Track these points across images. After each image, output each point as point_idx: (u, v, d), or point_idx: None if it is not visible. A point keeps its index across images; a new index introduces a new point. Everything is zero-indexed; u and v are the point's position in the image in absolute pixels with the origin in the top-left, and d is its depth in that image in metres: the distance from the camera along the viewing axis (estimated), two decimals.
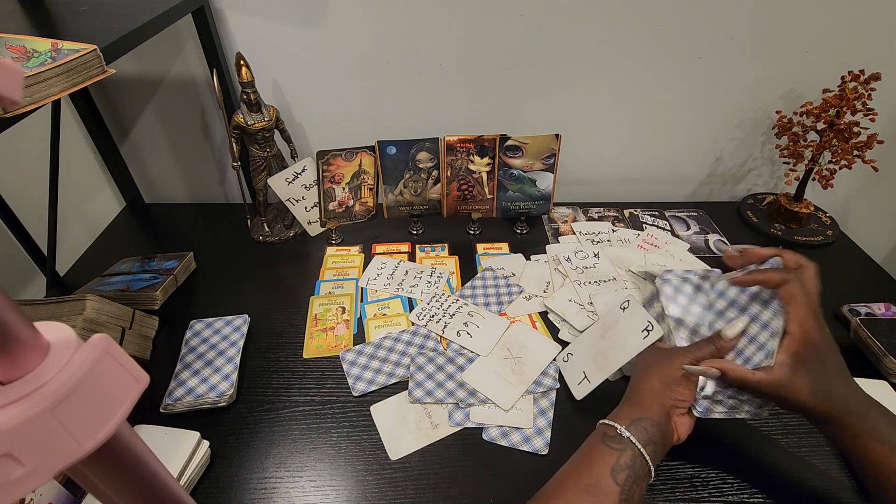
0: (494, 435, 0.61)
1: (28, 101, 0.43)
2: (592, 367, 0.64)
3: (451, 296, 0.79)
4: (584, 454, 0.50)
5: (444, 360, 0.69)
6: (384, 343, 0.72)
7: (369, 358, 0.70)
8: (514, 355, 0.70)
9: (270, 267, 0.88)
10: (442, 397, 0.64)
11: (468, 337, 0.72)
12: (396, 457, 0.59)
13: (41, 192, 0.81)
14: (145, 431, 0.58)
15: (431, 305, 0.78)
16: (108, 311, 0.66)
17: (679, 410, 0.52)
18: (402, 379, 0.67)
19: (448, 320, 0.75)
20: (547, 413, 0.64)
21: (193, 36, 0.84)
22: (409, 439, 0.61)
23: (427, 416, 0.63)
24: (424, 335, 0.73)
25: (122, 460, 0.26)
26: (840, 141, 0.86)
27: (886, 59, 0.89)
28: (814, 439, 0.62)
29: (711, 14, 0.85)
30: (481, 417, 0.63)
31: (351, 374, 0.68)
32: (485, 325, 0.74)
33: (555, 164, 0.87)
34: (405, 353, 0.71)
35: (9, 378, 0.21)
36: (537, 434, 0.61)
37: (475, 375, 0.67)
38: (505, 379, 0.67)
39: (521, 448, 0.60)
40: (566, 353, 0.69)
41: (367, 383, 0.67)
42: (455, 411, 0.63)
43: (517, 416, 0.63)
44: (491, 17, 0.85)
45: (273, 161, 0.88)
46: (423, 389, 0.65)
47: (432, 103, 0.95)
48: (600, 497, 0.45)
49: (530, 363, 0.69)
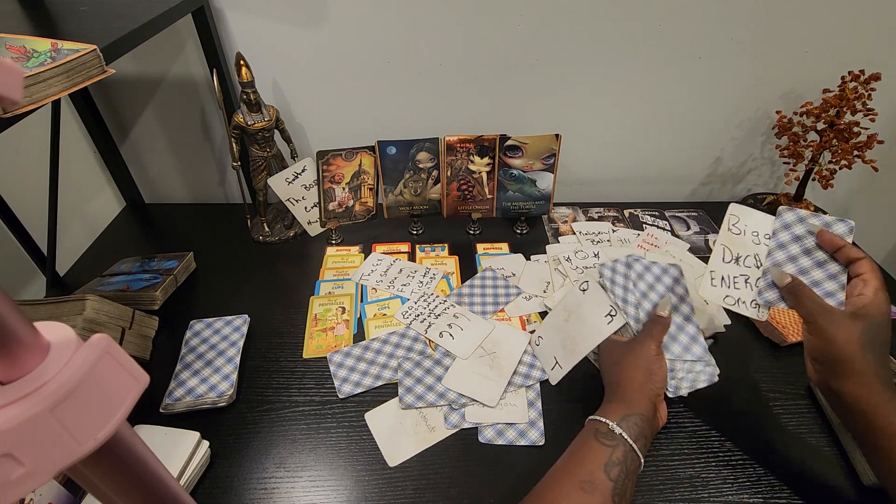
0: (490, 436, 0.61)
1: (28, 101, 0.43)
2: (562, 351, 0.65)
3: (438, 296, 0.79)
4: (576, 451, 0.50)
5: (431, 362, 0.69)
6: (372, 345, 0.72)
7: (357, 360, 0.70)
8: (489, 351, 0.70)
9: (270, 267, 0.88)
10: (433, 400, 0.64)
11: (450, 339, 0.72)
12: (395, 463, 0.59)
13: (41, 192, 0.81)
14: (145, 431, 0.58)
15: (419, 305, 0.77)
16: (108, 311, 0.66)
17: (661, 397, 0.55)
18: (389, 381, 0.67)
19: (433, 321, 0.74)
20: (535, 403, 0.64)
21: (193, 36, 0.84)
22: (407, 444, 0.60)
23: (423, 419, 0.63)
24: (413, 337, 0.73)
25: (122, 460, 0.26)
26: (840, 141, 0.86)
27: (886, 59, 0.89)
28: (814, 439, 0.62)
29: (711, 14, 0.85)
30: (477, 416, 0.63)
31: (338, 376, 0.68)
32: (468, 328, 0.73)
33: (555, 164, 0.87)
34: (393, 355, 0.70)
35: (9, 378, 0.21)
36: (531, 426, 0.62)
37: (455, 379, 0.67)
38: (485, 376, 0.66)
39: (519, 443, 0.60)
40: (537, 337, 0.70)
41: (353, 385, 0.67)
42: (450, 413, 0.63)
43: (511, 412, 0.63)
44: (491, 17, 0.85)
45: (273, 161, 0.88)
46: (414, 394, 0.65)
47: (432, 103, 0.95)
48: (594, 493, 0.45)
49: (505, 355, 0.69)
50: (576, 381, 0.64)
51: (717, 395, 0.66)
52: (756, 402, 0.66)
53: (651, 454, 0.60)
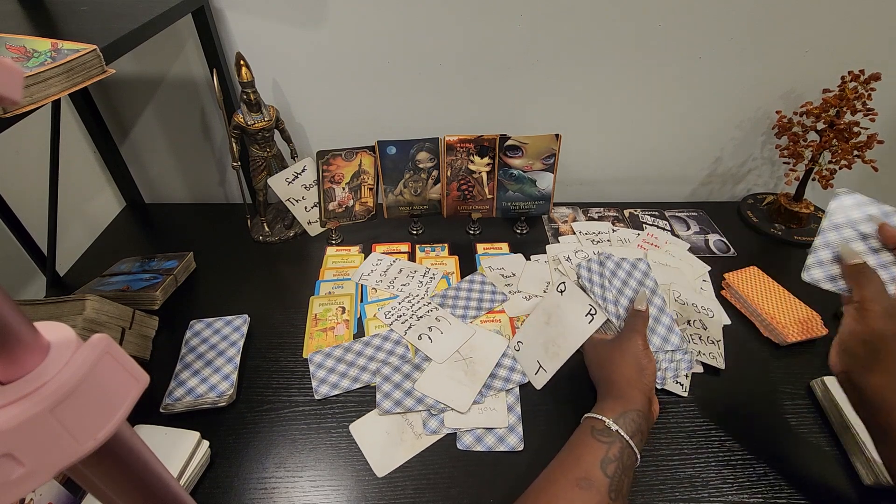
0: (469, 442, 0.60)
1: (28, 101, 0.43)
2: (544, 355, 0.65)
3: (423, 297, 0.78)
4: (573, 448, 0.51)
5: (410, 367, 0.68)
6: (353, 347, 0.71)
7: (337, 361, 0.70)
8: (465, 356, 0.69)
9: (270, 267, 0.88)
10: (412, 405, 0.63)
11: (428, 342, 0.71)
12: (383, 473, 0.57)
13: (41, 192, 0.81)
14: (145, 431, 0.58)
15: (402, 305, 0.77)
16: (108, 311, 0.66)
17: (653, 391, 0.57)
18: (367, 384, 0.67)
19: (414, 322, 0.74)
20: (515, 408, 0.64)
21: (193, 36, 0.84)
22: (395, 452, 0.59)
23: (409, 426, 0.62)
24: (395, 341, 0.72)
25: (122, 460, 0.26)
26: (840, 141, 0.86)
27: (886, 59, 0.89)
28: (814, 438, 0.62)
29: (711, 14, 0.85)
30: (457, 422, 0.62)
31: (316, 377, 0.68)
32: (448, 332, 0.72)
33: (555, 164, 0.87)
34: (373, 358, 0.70)
35: (9, 378, 0.21)
36: (510, 431, 0.61)
37: (429, 383, 0.66)
38: (459, 381, 0.66)
39: (498, 449, 0.60)
40: (516, 342, 0.70)
41: (330, 387, 0.66)
42: (429, 419, 0.62)
43: (491, 416, 0.63)
44: (491, 17, 0.85)
45: (273, 161, 0.88)
46: (392, 400, 0.64)
47: (432, 103, 0.95)
48: (591, 489, 0.46)
49: (481, 360, 0.68)
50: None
51: (717, 395, 0.66)
52: (756, 402, 0.66)
53: (650, 454, 0.60)
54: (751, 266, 0.83)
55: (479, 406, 0.64)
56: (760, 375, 0.69)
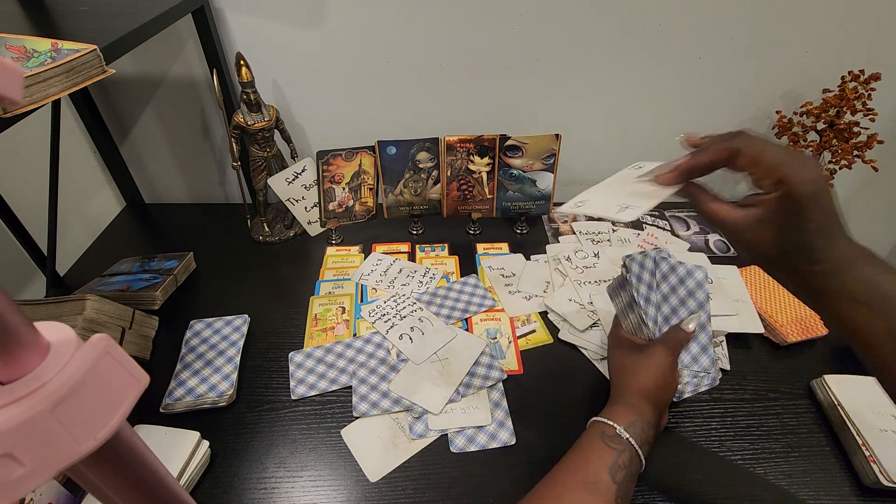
0: (462, 444, 0.60)
1: (28, 101, 0.43)
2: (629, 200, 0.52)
3: (408, 297, 0.78)
4: (582, 451, 0.50)
5: (386, 369, 0.68)
6: (335, 348, 0.71)
7: (316, 362, 0.70)
8: (441, 357, 0.69)
9: (270, 267, 0.88)
10: (388, 407, 0.63)
11: (409, 342, 0.70)
12: (376, 478, 0.57)
13: (41, 192, 0.81)
14: (145, 431, 0.58)
15: (387, 304, 0.77)
16: (108, 311, 0.66)
17: (667, 406, 0.56)
18: (345, 386, 0.66)
19: (396, 322, 0.74)
20: (501, 403, 0.64)
21: (193, 36, 0.84)
22: (388, 458, 0.59)
23: (401, 430, 0.62)
24: (377, 343, 0.72)
25: (122, 460, 0.26)
26: (840, 141, 0.86)
27: (886, 59, 0.89)
28: (814, 439, 0.62)
29: (711, 14, 0.85)
30: (440, 424, 0.62)
31: (295, 377, 0.68)
32: (430, 333, 0.72)
33: (555, 164, 0.87)
34: (354, 360, 0.69)
35: (9, 378, 0.21)
36: (500, 427, 0.61)
37: (402, 383, 0.65)
38: (433, 382, 0.65)
39: (491, 446, 0.60)
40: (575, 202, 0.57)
41: (308, 388, 0.66)
42: (415, 423, 0.62)
43: (475, 415, 0.62)
44: (491, 17, 0.85)
45: (273, 161, 0.88)
46: (368, 402, 0.64)
47: (432, 103, 0.95)
48: (598, 494, 0.45)
49: (457, 362, 0.68)
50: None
51: (718, 395, 0.66)
52: (756, 402, 0.66)
53: (651, 454, 0.60)
54: (751, 266, 0.83)
55: (461, 406, 0.63)
56: (760, 375, 0.69)
